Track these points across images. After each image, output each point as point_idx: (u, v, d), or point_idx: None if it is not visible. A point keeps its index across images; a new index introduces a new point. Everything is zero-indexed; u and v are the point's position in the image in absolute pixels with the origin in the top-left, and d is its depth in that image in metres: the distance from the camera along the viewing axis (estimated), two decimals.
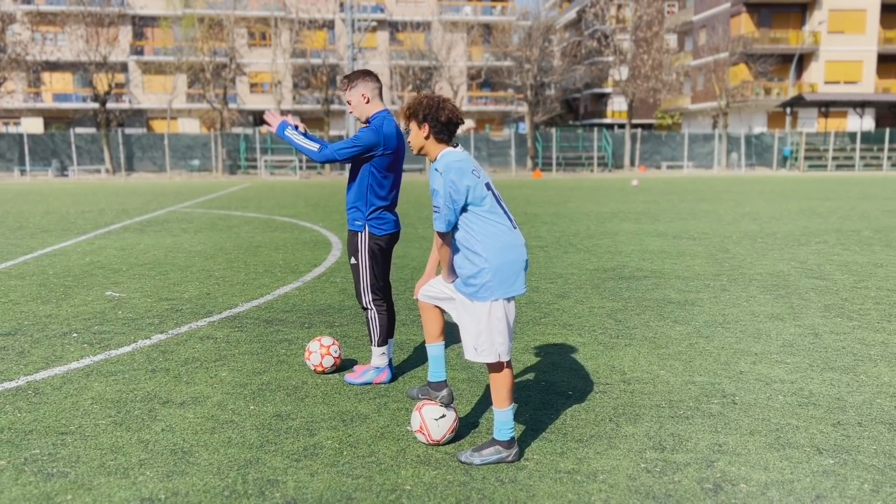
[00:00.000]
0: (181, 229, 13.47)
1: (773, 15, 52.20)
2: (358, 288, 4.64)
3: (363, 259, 4.57)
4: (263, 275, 8.58)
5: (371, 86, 4.49)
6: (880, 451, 3.63)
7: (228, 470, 3.45)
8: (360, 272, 4.60)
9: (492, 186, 3.59)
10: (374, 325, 4.65)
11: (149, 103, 52.91)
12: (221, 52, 45.17)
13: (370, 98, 4.49)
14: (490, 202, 3.51)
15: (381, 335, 4.65)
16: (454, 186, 3.45)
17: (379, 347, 4.67)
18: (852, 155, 46.17)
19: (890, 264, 9.16)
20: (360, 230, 4.55)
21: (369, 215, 4.52)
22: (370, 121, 4.50)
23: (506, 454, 3.52)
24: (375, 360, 4.69)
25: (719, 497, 3.18)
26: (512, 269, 3.48)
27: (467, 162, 3.54)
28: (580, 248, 10.81)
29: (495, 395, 3.56)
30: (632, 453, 3.63)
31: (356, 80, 4.50)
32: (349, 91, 4.50)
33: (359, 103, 4.50)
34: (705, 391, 4.52)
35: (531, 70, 45.49)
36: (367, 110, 4.51)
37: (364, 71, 4.54)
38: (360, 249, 4.57)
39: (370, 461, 3.55)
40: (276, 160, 43.03)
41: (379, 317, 4.64)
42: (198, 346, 5.54)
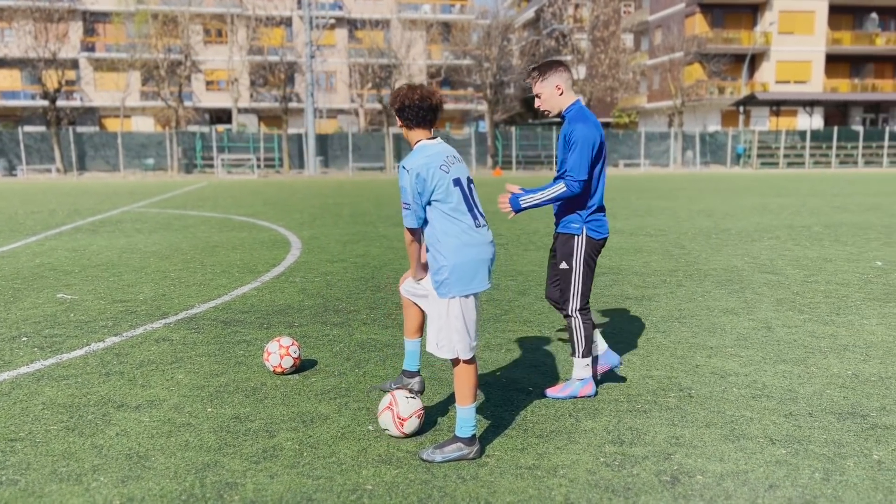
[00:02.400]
0: (135, 229, 13.18)
1: (725, 15, 53.28)
2: (566, 294, 4.33)
3: (577, 264, 4.27)
4: (221, 275, 8.45)
5: (565, 76, 4.22)
6: (830, 441, 3.73)
7: (185, 474, 3.39)
8: (573, 278, 4.29)
9: (462, 182, 3.54)
10: (579, 334, 4.34)
11: (101, 101, 51.67)
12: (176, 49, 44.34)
13: (564, 90, 4.22)
14: (457, 199, 3.50)
15: (585, 345, 4.35)
16: (420, 184, 3.45)
17: (583, 359, 4.35)
18: (802, 153, 47.40)
19: (839, 259, 9.43)
20: (576, 233, 4.25)
21: (587, 217, 4.24)
22: (565, 113, 4.25)
23: (467, 451, 3.53)
24: (579, 371, 4.36)
25: (677, 489, 3.23)
26: (470, 268, 3.48)
27: (438, 157, 3.50)
28: (540, 245, 10.89)
29: (458, 391, 3.57)
30: (591, 448, 3.67)
31: (549, 72, 4.21)
32: (541, 83, 4.23)
33: (551, 95, 4.23)
34: (662, 385, 4.59)
35: (490, 69, 45.66)
36: (561, 102, 4.25)
37: (556, 61, 4.26)
38: (576, 254, 4.26)
39: (331, 461, 3.52)
40: (233, 159, 42.42)
41: (584, 325, 4.33)
42: (153, 349, 5.43)
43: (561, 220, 4.32)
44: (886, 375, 4.74)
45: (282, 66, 44.33)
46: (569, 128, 4.14)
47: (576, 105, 4.24)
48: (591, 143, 4.09)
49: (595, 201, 4.24)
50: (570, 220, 4.26)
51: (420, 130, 3.61)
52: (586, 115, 4.16)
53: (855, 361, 5.05)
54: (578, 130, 4.08)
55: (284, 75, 44.20)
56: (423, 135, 3.61)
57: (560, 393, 4.36)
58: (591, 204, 4.23)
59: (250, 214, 16.11)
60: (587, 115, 4.16)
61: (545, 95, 4.24)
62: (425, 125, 3.59)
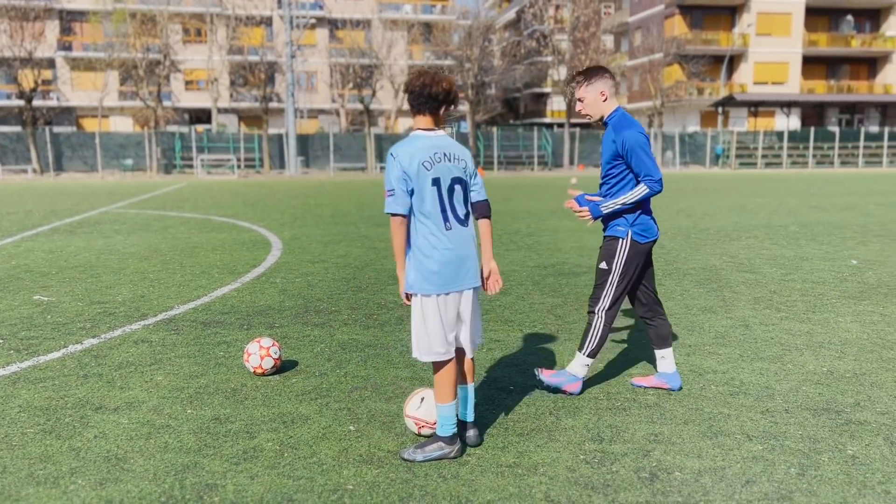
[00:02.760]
0: (114, 230, 13.06)
1: (704, 17, 53.81)
2: (598, 293, 4.29)
3: (617, 266, 4.23)
4: (200, 276, 8.39)
5: (610, 83, 4.21)
6: (805, 437, 3.79)
7: (165, 476, 3.37)
8: (609, 279, 4.25)
9: (441, 182, 3.44)
10: (595, 333, 4.30)
11: (78, 101, 51.11)
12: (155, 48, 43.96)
13: (608, 96, 4.21)
14: (431, 200, 3.43)
15: (595, 346, 4.31)
16: (403, 172, 3.40)
17: (587, 357, 4.33)
18: (780, 153, 47.96)
19: (815, 258, 9.56)
20: (621, 236, 4.21)
21: (634, 221, 4.21)
22: (608, 120, 4.23)
23: (448, 450, 3.53)
24: (576, 367, 4.35)
25: (655, 485, 3.27)
26: (433, 269, 3.44)
27: (424, 151, 3.42)
28: (521, 245, 10.93)
29: (436, 390, 3.57)
30: (571, 445, 3.70)
31: (595, 77, 4.19)
32: (586, 87, 4.20)
33: (595, 100, 4.21)
34: None
35: (472, 69, 45.75)
36: (604, 108, 4.23)
37: (601, 67, 4.24)
38: (617, 256, 4.23)
39: (312, 462, 3.51)
40: (212, 159, 42.13)
41: (604, 328, 4.29)
42: (132, 350, 5.39)
43: (608, 223, 4.29)
44: (860, 372, 4.82)
45: (262, 65, 44.11)
46: (618, 136, 4.12)
47: (618, 111, 4.23)
48: (645, 145, 4.09)
49: (640, 205, 4.21)
50: (616, 223, 4.24)
51: (421, 118, 3.52)
52: (631, 121, 4.17)
53: (830, 358, 5.13)
54: (630, 137, 4.07)
55: (265, 75, 43.99)
56: (423, 123, 3.52)
57: (549, 379, 4.37)
58: (636, 208, 4.20)
59: (230, 215, 16.01)
60: (632, 121, 4.17)
61: (588, 100, 4.22)
62: (426, 112, 3.50)
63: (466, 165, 3.57)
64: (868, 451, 3.61)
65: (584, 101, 4.23)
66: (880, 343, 5.50)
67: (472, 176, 3.60)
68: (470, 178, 3.59)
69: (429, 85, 3.45)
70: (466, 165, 3.57)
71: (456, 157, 3.52)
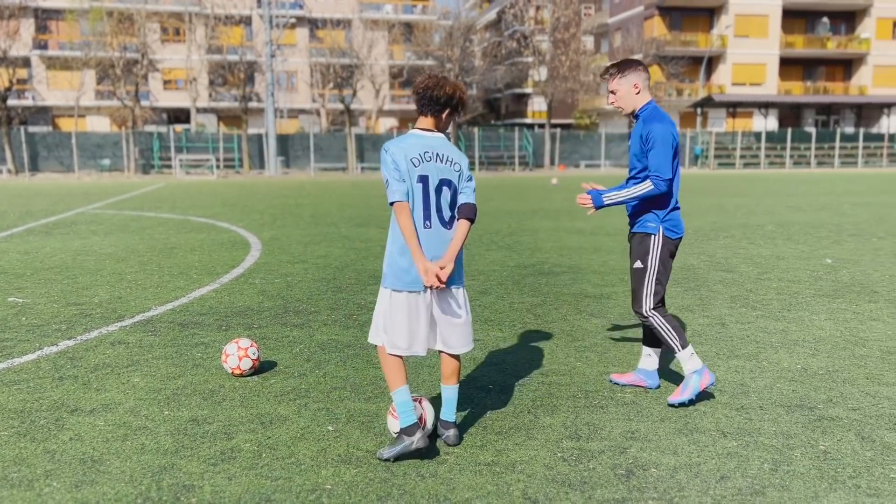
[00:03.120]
0: (90, 231, 12.92)
1: (683, 18, 54.26)
2: (639, 295, 4.23)
3: (653, 264, 4.18)
4: (178, 277, 8.33)
5: (644, 76, 4.19)
6: (779, 433, 3.84)
7: (142, 477, 3.35)
8: (647, 277, 4.20)
9: (429, 181, 3.47)
10: (666, 329, 4.21)
11: (54, 100, 50.48)
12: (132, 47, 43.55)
13: (641, 89, 4.18)
14: (415, 197, 3.47)
15: (680, 337, 4.19)
16: (393, 162, 3.45)
17: (684, 350, 4.18)
18: (758, 154, 48.49)
19: (791, 257, 9.68)
20: (653, 232, 4.17)
21: (664, 217, 4.17)
22: (639, 113, 4.20)
23: (408, 441, 3.48)
24: (688, 364, 4.19)
25: (631, 482, 3.30)
26: (403, 267, 3.49)
27: (414, 148, 3.48)
28: (502, 245, 10.97)
29: (386, 377, 3.63)
30: (549, 443, 3.72)
31: (629, 69, 4.18)
32: (619, 80, 4.19)
33: (628, 93, 4.19)
34: None
35: (453, 69, 45.78)
36: (636, 101, 4.21)
37: (635, 60, 4.25)
38: (652, 253, 4.17)
39: (290, 462, 3.51)
40: (191, 159, 41.80)
41: (665, 319, 4.22)
42: (108, 352, 5.34)
43: (637, 219, 4.25)
44: (833, 369, 4.89)
45: (241, 65, 43.86)
46: (646, 128, 4.11)
47: (650, 104, 4.21)
48: (671, 142, 4.07)
49: (672, 200, 4.19)
50: (646, 219, 4.20)
51: (422, 118, 3.59)
52: (662, 115, 4.14)
53: (804, 356, 5.20)
54: (657, 130, 4.06)
55: (244, 75, 43.73)
56: (423, 123, 3.59)
57: (682, 396, 4.17)
58: (667, 203, 4.18)
59: (209, 216, 15.90)
60: (663, 115, 4.14)
61: (621, 92, 4.21)
62: (427, 114, 3.57)
63: (461, 169, 3.58)
64: (839, 446, 3.67)
65: (616, 93, 4.22)
66: (853, 340, 5.59)
67: (465, 180, 3.60)
68: (461, 183, 3.59)
69: (431, 88, 3.53)
70: (461, 169, 3.58)
71: (449, 160, 3.54)
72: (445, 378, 3.75)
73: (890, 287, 7.59)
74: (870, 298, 7.05)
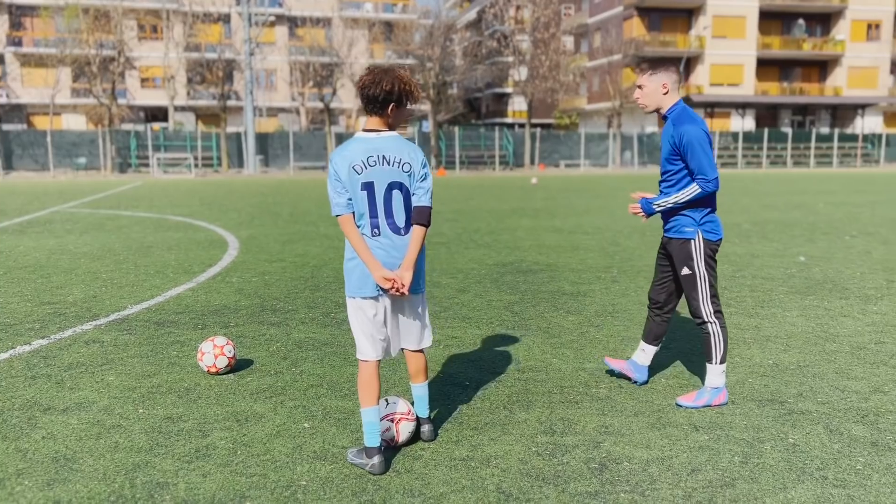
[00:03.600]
0: (65, 230, 12.77)
1: (662, 19, 54.68)
2: (697, 301, 4.17)
3: (699, 268, 4.13)
4: (154, 276, 8.27)
5: (674, 78, 4.17)
6: (749, 426, 3.90)
7: (115, 475, 3.33)
8: (699, 282, 4.14)
9: (374, 187, 3.32)
10: (718, 339, 4.17)
11: (29, 98, 49.78)
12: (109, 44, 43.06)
13: (670, 89, 4.17)
14: (361, 205, 3.34)
15: (723, 351, 4.18)
16: (335, 174, 3.34)
17: (720, 365, 4.19)
18: (735, 153, 49.01)
19: (765, 255, 9.82)
20: (692, 237, 4.13)
21: (702, 220, 4.13)
22: (667, 114, 4.19)
23: (365, 462, 3.37)
24: (714, 378, 4.19)
25: (604, 475, 3.34)
26: (354, 272, 3.42)
27: (357, 155, 3.31)
28: (481, 243, 11.00)
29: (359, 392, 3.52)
30: (524, 438, 3.76)
31: (660, 69, 4.18)
32: (649, 76, 4.18)
33: (654, 91, 4.18)
34: (594, 377, 4.72)
35: (433, 69, 45.78)
36: (662, 101, 4.19)
37: (671, 61, 4.24)
38: (696, 258, 4.13)
39: (265, 459, 3.51)
40: (169, 158, 41.43)
41: (722, 330, 4.17)
42: (83, 351, 5.29)
43: (672, 223, 4.21)
44: (804, 364, 4.98)
45: (220, 63, 43.52)
46: (677, 131, 4.07)
47: (679, 105, 4.18)
48: (703, 141, 4.02)
49: (709, 203, 4.15)
50: (683, 223, 4.16)
51: (367, 118, 3.41)
52: (692, 116, 4.10)
53: (776, 351, 5.28)
54: (689, 132, 4.02)
55: (223, 73, 43.42)
56: (371, 123, 3.40)
57: (693, 402, 4.18)
58: (705, 205, 4.14)
59: (186, 214, 15.78)
60: (693, 116, 4.10)
61: (648, 90, 4.20)
62: (370, 113, 3.38)
63: (411, 169, 3.37)
64: (808, 439, 3.74)
65: (643, 88, 4.21)
66: (824, 336, 5.69)
67: (418, 180, 3.40)
68: (414, 183, 3.40)
69: (368, 86, 3.30)
70: (411, 169, 3.37)
71: (397, 161, 3.34)
72: (412, 377, 3.73)
73: (861, 284, 7.73)
74: (841, 295, 7.17)
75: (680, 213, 4.16)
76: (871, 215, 15.27)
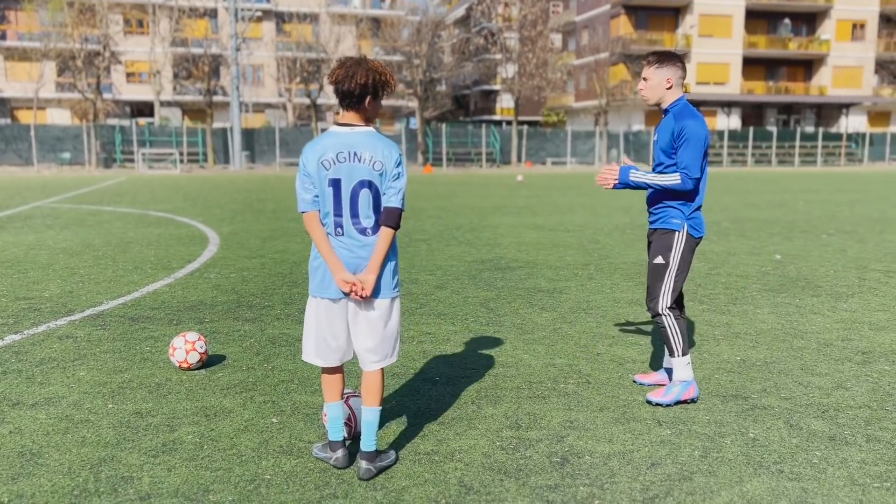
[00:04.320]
0: (45, 225, 12.70)
1: (649, 17, 54.91)
2: (657, 292, 4.18)
3: (674, 261, 4.14)
4: (133, 272, 8.26)
5: (679, 73, 4.14)
6: (712, 421, 3.97)
7: (80, 469, 3.35)
8: (667, 274, 4.15)
9: (341, 184, 3.21)
10: (675, 331, 4.17)
11: (12, 92, 49.30)
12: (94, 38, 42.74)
13: (674, 84, 4.14)
14: (326, 201, 3.24)
15: (684, 342, 4.17)
16: (304, 169, 3.28)
17: (683, 357, 4.17)
18: (720, 152, 49.30)
19: (741, 252, 9.92)
20: (677, 229, 4.13)
21: (690, 215, 4.13)
22: (669, 108, 4.16)
23: (331, 455, 3.41)
24: (680, 372, 4.17)
25: (565, 469, 3.39)
26: (317, 270, 3.34)
27: (327, 150, 3.22)
28: (462, 240, 11.04)
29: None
30: (489, 433, 3.80)
31: (667, 62, 4.13)
32: (654, 68, 4.14)
33: (658, 84, 4.14)
34: (563, 372, 4.77)
35: (421, 65, 45.75)
36: (665, 95, 4.16)
37: (677, 55, 4.15)
38: (675, 250, 4.13)
39: (231, 454, 3.53)
40: (154, 153, 41.20)
41: (677, 322, 4.17)
42: (55, 346, 5.29)
43: (660, 216, 4.20)
44: (771, 360, 5.05)
45: (206, 58, 43.30)
46: (678, 123, 4.05)
47: (681, 101, 4.16)
48: (703, 141, 4.02)
49: (698, 199, 4.15)
50: (671, 215, 4.16)
51: (343, 113, 3.30)
52: (694, 112, 4.09)
53: (744, 348, 5.36)
54: (691, 127, 4.01)
55: (209, 68, 43.20)
56: (346, 117, 3.28)
57: (663, 398, 4.18)
58: (694, 201, 4.14)
59: (169, 210, 15.73)
60: (695, 112, 4.10)
61: (652, 83, 4.17)
62: (345, 108, 3.26)
63: (384, 168, 3.22)
64: (768, 433, 3.81)
65: (647, 80, 4.19)
66: (792, 332, 5.77)
67: (391, 179, 3.25)
68: (385, 182, 3.26)
69: (342, 80, 3.19)
70: (384, 168, 3.22)
71: (368, 158, 3.21)
72: (363, 397, 3.42)
73: (833, 282, 7.83)
74: (813, 293, 7.27)
75: (669, 206, 4.16)
76: (849, 214, 15.44)
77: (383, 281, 3.32)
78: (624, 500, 3.11)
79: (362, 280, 3.24)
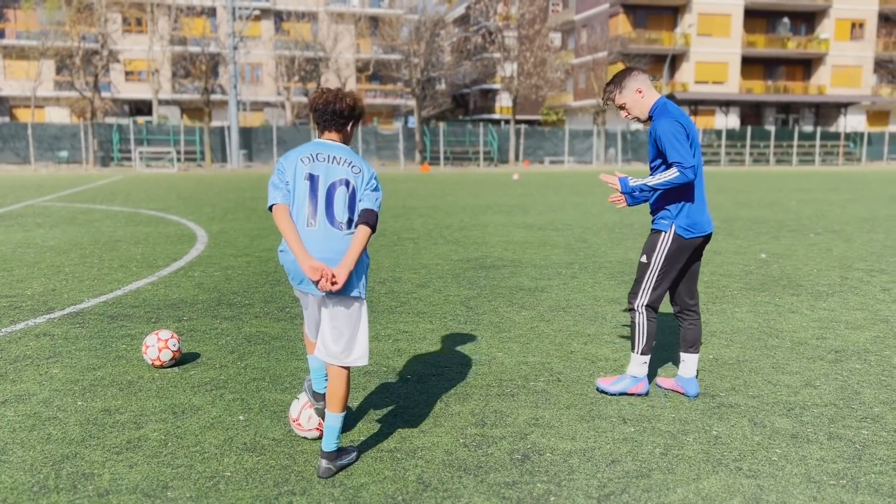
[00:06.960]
0: (35, 224, 12.73)
1: (648, 16, 54.88)
2: (638, 287, 4.24)
3: (657, 260, 4.16)
4: (118, 270, 8.28)
5: (641, 78, 4.14)
6: (677, 419, 3.99)
7: (42, 466, 3.37)
8: (648, 273, 4.19)
9: (317, 179, 3.31)
10: (642, 330, 4.23)
11: (10, 90, 49.33)
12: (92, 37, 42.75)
13: (645, 91, 4.13)
14: (300, 193, 3.32)
15: (646, 343, 4.25)
16: (281, 165, 3.40)
17: (641, 356, 4.26)
18: (718, 151, 49.29)
19: (727, 251, 9.93)
20: (664, 230, 4.14)
21: (677, 214, 4.11)
22: (650, 114, 4.14)
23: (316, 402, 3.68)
24: (634, 368, 4.28)
25: (525, 466, 3.41)
26: (288, 263, 3.40)
27: (308, 149, 3.38)
28: (449, 239, 11.06)
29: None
30: (454, 430, 3.82)
31: (625, 80, 4.14)
32: (621, 94, 4.15)
33: (635, 101, 4.14)
34: (535, 370, 4.79)
35: (419, 64, 45.75)
36: (645, 104, 4.15)
37: (628, 68, 4.22)
38: (658, 250, 4.16)
39: (194, 451, 3.55)
40: (152, 152, 41.22)
41: (647, 323, 4.22)
42: (31, 344, 5.32)
43: (655, 216, 4.25)
44: (743, 359, 5.07)
45: (204, 57, 43.31)
46: (653, 128, 4.06)
47: (659, 102, 4.14)
48: (676, 132, 3.97)
49: (686, 197, 4.10)
50: (660, 215, 4.19)
51: (327, 134, 3.47)
52: (667, 109, 4.08)
53: (718, 346, 5.37)
54: (661, 127, 4.00)
55: (207, 66, 43.20)
56: (326, 137, 3.48)
57: (611, 387, 4.28)
58: (681, 200, 4.10)
59: (161, 209, 15.75)
60: (668, 109, 4.08)
61: (629, 103, 4.16)
62: (331, 129, 3.45)
63: (362, 174, 3.37)
64: (731, 431, 3.82)
65: (626, 106, 4.18)
66: (768, 331, 5.79)
67: (368, 189, 3.37)
68: (363, 188, 3.37)
69: (332, 101, 3.38)
70: (362, 174, 3.37)
71: (346, 162, 3.36)
72: (327, 402, 3.42)
73: (815, 281, 7.84)
74: (793, 292, 7.28)
75: (661, 206, 4.16)
76: (840, 213, 15.44)
77: (355, 278, 3.36)
78: (580, 496, 3.13)
79: (336, 273, 3.25)
